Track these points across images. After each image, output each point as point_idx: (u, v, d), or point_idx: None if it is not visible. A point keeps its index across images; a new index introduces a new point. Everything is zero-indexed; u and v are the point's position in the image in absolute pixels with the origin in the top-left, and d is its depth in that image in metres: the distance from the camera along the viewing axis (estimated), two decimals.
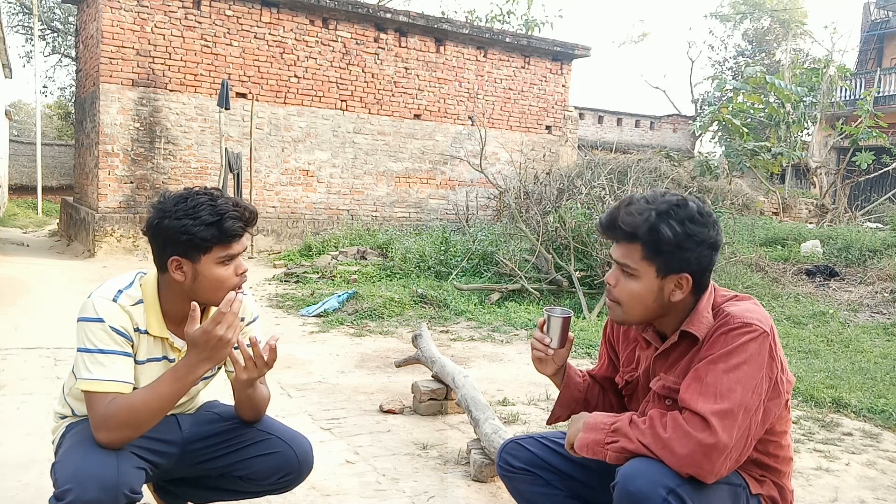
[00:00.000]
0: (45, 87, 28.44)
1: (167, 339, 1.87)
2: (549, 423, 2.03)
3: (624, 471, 1.54)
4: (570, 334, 1.88)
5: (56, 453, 1.83)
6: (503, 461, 1.92)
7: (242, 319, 1.99)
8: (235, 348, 1.82)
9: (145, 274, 1.89)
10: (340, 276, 8.35)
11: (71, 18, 25.36)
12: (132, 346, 1.80)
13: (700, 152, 23.91)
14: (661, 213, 1.61)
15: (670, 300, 1.65)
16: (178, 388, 1.74)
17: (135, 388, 1.77)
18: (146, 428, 1.74)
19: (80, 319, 1.76)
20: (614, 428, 1.59)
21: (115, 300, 1.78)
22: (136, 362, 1.82)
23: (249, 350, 1.84)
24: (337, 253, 9.87)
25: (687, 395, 1.54)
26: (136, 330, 1.81)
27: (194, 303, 1.75)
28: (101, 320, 1.74)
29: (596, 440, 1.60)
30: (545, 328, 1.86)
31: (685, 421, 1.50)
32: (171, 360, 1.88)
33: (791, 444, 1.75)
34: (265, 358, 1.84)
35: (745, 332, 1.55)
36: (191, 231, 1.74)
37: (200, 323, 1.76)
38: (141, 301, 1.83)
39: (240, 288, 1.83)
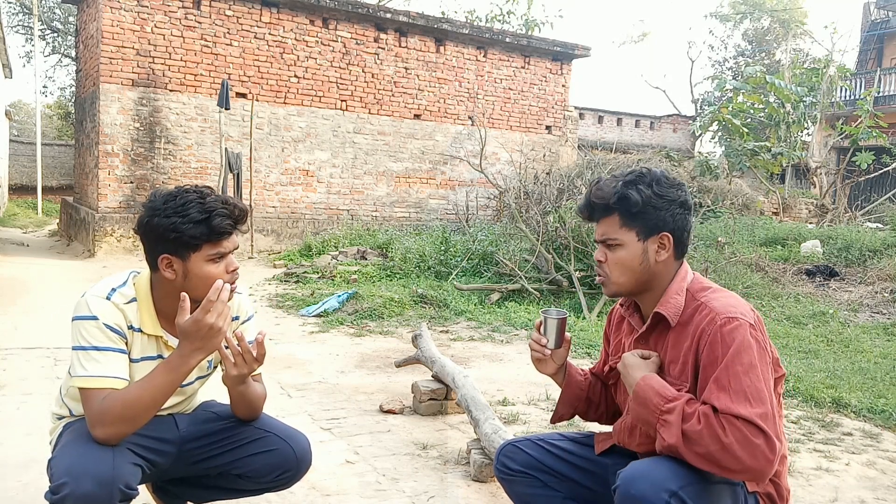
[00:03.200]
0: (45, 87, 28.48)
1: (161, 337, 1.87)
2: (552, 421, 2.05)
3: (625, 474, 1.54)
4: (567, 334, 1.91)
5: (53, 452, 1.83)
6: (500, 464, 1.93)
7: (237, 318, 2.00)
8: (225, 346, 1.82)
9: (139, 273, 1.90)
10: (340, 276, 8.35)
11: (71, 18, 25.36)
12: (126, 344, 1.80)
13: (700, 152, 23.91)
14: (628, 181, 1.72)
15: (656, 261, 1.72)
16: (172, 380, 1.74)
17: None
18: (142, 422, 1.74)
19: (74, 318, 1.77)
20: (664, 419, 1.55)
21: (108, 298, 1.79)
22: (131, 360, 1.82)
23: (237, 345, 1.84)
24: (337, 253, 9.87)
25: (722, 404, 1.50)
26: (130, 328, 1.81)
27: (184, 293, 1.75)
28: (95, 318, 1.75)
29: (646, 419, 1.60)
30: (542, 329, 1.89)
31: (742, 425, 1.46)
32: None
33: (785, 441, 1.75)
34: (253, 353, 1.84)
35: (738, 326, 1.57)
36: (179, 229, 1.74)
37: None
38: (134, 299, 1.83)
39: (233, 285, 1.83)
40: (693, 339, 1.63)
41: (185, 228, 1.74)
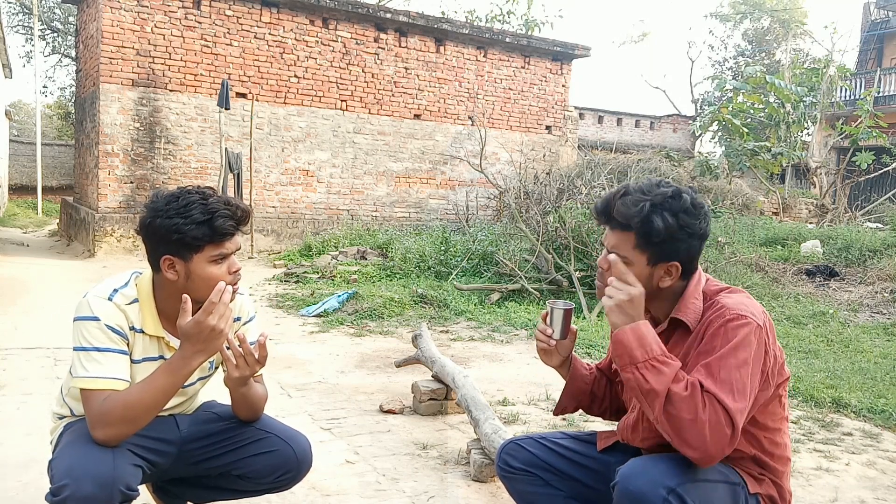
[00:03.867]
0: (45, 87, 28.47)
1: (163, 338, 1.87)
2: (555, 413, 2.05)
3: (624, 471, 1.54)
4: (573, 327, 1.90)
5: (53, 452, 1.83)
6: (502, 462, 1.93)
7: (238, 319, 2.00)
8: (227, 348, 1.82)
9: (141, 274, 1.90)
10: (340, 276, 8.35)
11: (71, 18, 25.35)
12: (128, 345, 1.80)
13: (700, 152, 23.90)
14: (655, 204, 1.63)
15: (659, 286, 1.69)
16: (173, 382, 1.74)
17: None
18: (143, 423, 1.74)
19: (76, 319, 1.77)
20: (654, 364, 1.54)
21: (110, 299, 1.79)
22: (132, 361, 1.82)
23: (239, 347, 1.83)
24: (337, 253, 9.87)
25: (708, 386, 1.52)
26: (132, 329, 1.81)
27: (186, 295, 1.75)
28: (96, 318, 1.75)
29: (633, 356, 1.56)
30: (548, 320, 1.88)
31: (721, 411, 1.48)
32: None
33: (789, 444, 1.75)
34: (255, 355, 1.84)
35: (744, 325, 1.57)
36: (182, 230, 1.74)
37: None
38: (136, 300, 1.83)
39: (235, 286, 1.83)
40: (700, 333, 1.65)
41: (187, 229, 1.74)
